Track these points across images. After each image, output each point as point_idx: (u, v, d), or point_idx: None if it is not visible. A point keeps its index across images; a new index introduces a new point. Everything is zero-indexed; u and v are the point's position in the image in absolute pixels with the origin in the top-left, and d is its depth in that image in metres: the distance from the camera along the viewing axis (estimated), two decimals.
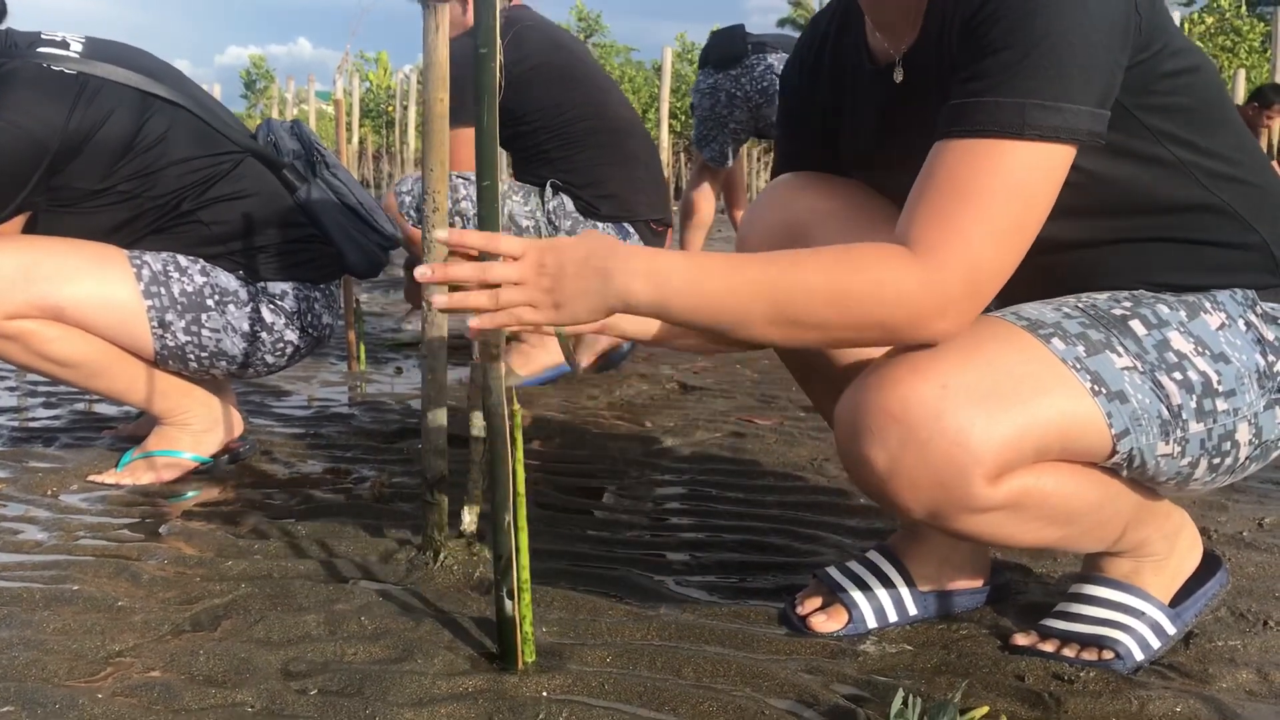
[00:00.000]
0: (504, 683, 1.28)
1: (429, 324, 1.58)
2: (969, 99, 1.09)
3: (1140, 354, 1.17)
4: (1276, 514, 1.92)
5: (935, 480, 1.12)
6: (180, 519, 1.88)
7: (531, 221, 2.93)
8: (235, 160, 2.09)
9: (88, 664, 1.33)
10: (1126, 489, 1.25)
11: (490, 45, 1.21)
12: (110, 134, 1.94)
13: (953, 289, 1.08)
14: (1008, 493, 1.14)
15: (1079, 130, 1.08)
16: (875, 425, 1.13)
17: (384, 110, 15.61)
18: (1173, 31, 1.18)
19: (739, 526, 1.86)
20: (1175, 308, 1.20)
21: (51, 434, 2.43)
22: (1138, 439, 1.16)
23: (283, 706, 1.23)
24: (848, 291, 1.08)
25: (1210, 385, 1.17)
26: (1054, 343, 1.16)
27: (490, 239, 1.11)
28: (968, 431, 1.10)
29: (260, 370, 2.20)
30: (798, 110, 1.47)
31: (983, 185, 1.07)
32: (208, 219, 2.06)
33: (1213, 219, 1.21)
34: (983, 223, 1.07)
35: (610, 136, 3.07)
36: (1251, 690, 1.29)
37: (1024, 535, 1.22)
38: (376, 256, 2.28)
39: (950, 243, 1.07)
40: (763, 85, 4.34)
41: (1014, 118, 1.07)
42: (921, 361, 1.13)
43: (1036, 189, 1.09)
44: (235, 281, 2.09)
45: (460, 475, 1.67)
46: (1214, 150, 1.21)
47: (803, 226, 1.37)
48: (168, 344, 2.04)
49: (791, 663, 1.34)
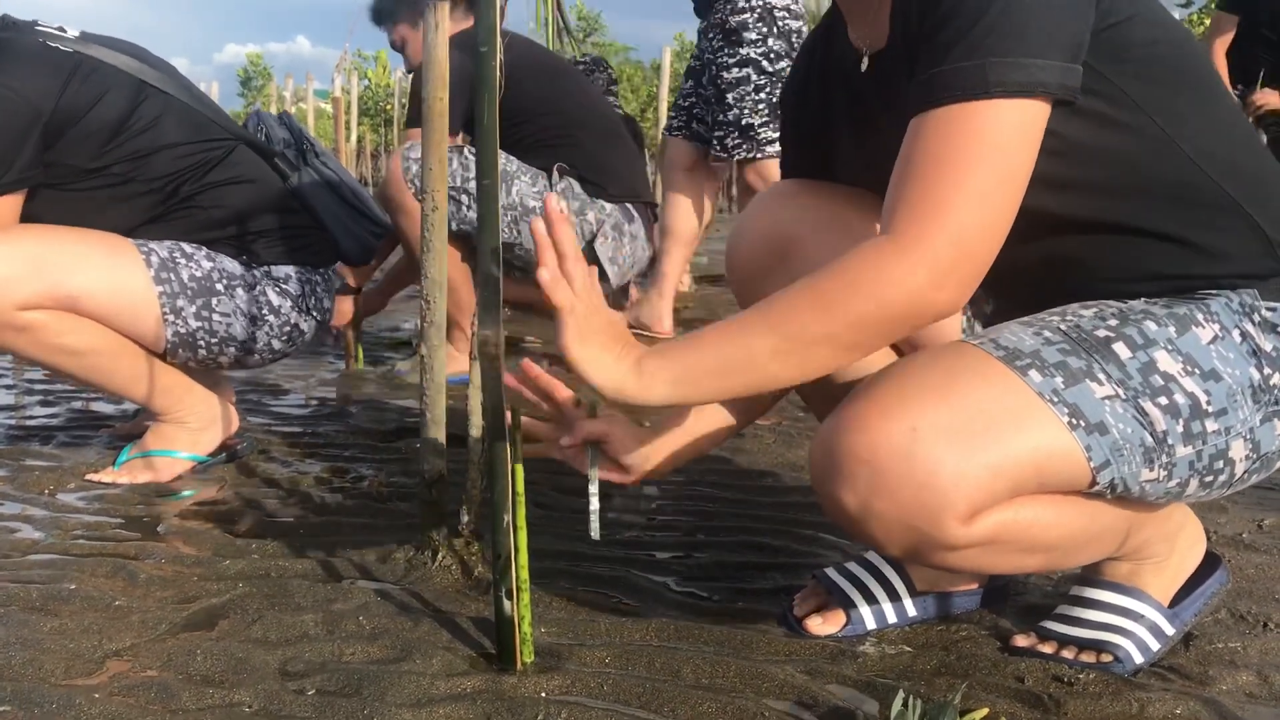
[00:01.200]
0: (502, 683, 1.28)
1: (428, 323, 1.58)
2: (932, 70, 1.08)
3: (1123, 380, 1.13)
4: (1276, 516, 1.92)
5: (907, 522, 1.11)
6: (177, 518, 1.88)
7: (539, 202, 2.93)
8: (227, 148, 2.11)
9: (85, 663, 1.33)
10: (1113, 507, 1.22)
11: (491, 43, 1.21)
12: (103, 113, 1.95)
13: (941, 258, 1.06)
14: (984, 530, 1.13)
15: (1049, 84, 1.07)
16: (846, 469, 1.11)
17: (382, 108, 15.59)
18: (1147, 2, 1.17)
19: (737, 527, 1.85)
20: (1164, 323, 1.16)
21: (49, 432, 2.42)
22: (1119, 469, 1.13)
23: (280, 706, 1.23)
24: (834, 292, 1.08)
25: (1199, 407, 1.14)
26: (1030, 375, 1.13)
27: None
28: (937, 474, 1.08)
29: (265, 357, 2.21)
30: (795, 120, 1.47)
31: (955, 150, 1.06)
32: (207, 204, 2.07)
33: (1203, 199, 1.18)
34: (961, 186, 1.05)
35: (603, 123, 3.15)
36: (1251, 692, 1.29)
37: (1007, 565, 1.21)
38: (369, 242, 2.32)
39: (929, 214, 1.06)
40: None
41: (977, 79, 1.05)
42: (891, 401, 1.12)
43: (1011, 143, 1.07)
44: (240, 266, 2.11)
45: (459, 475, 1.67)
46: (1202, 126, 1.18)
47: (791, 234, 1.37)
48: (179, 330, 2.04)
49: (790, 664, 1.33)
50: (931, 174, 1.07)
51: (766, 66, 3.66)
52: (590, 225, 3.00)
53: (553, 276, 1.10)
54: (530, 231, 2.89)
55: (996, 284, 1.36)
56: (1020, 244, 1.21)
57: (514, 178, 2.91)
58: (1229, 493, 1.24)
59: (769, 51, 3.65)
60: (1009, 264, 1.30)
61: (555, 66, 3.26)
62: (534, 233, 1.13)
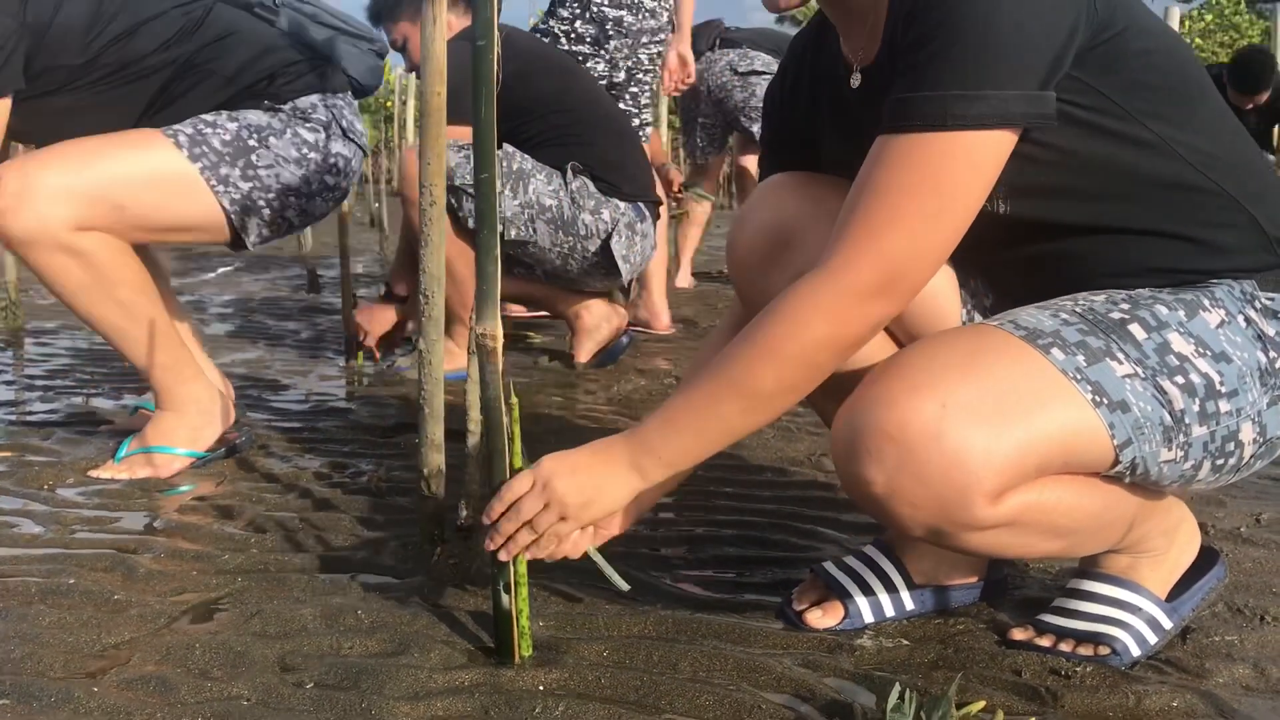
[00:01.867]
0: (500, 677, 1.28)
1: (426, 318, 1.58)
2: (901, 94, 1.11)
3: (1141, 359, 1.15)
4: (1274, 510, 1.92)
5: (935, 501, 1.11)
6: (177, 513, 1.88)
7: (555, 200, 2.91)
8: (206, 6, 2.13)
9: (83, 657, 1.33)
10: (1127, 493, 1.23)
11: (488, 38, 1.21)
12: (70, 13, 1.98)
13: (866, 281, 1.11)
14: (1009, 510, 1.13)
15: (1011, 115, 1.08)
16: (873, 446, 1.12)
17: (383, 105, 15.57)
18: (1140, 11, 1.17)
19: (736, 521, 1.85)
20: (1174, 307, 1.18)
21: (49, 428, 2.42)
22: (1140, 448, 1.15)
23: (279, 700, 1.23)
24: (780, 338, 1.14)
25: (1213, 387, 1.16)
26: (1053, 353, 1.14)
27: (502, 500, 1.24)
28: (967, 451, 1.09)
29: (327, 200, 2.23)
30: (780, 121, 1.47)
31: (899, 181, 1.10)
32: (205, 64, 2.09)
33: (1201, 198, 1.20)
34: (895, 217, 1.10)
35: (613, 122, 3.14)
36: (1248, 685, 1.29)
37: (1026, 548, 1.22)
38: (375, 62, 2.35)
39: (859, 242, 1.11)
40: (721, 80, 4.41)
41: (936, 111, 1.08)
42: (919, 378, 1.12)
43: (958, 176, 1.09)
44: (264, 115, 2.13)
45: (458, 469, 1.67)
46: (1196, 128, 1.20)
47: (793, 226, 1.37)
48: (234, 197, 2.07)
49: (788, 658, 1.34)
50: (872, 204, 1.11)
51: (563, 44, 3.67)
52: (606, 224, 2.99)
53: (516, 545, 1.24)
54: (543, 230, 2.89)
55: (995, 279, 1.37)
56: (1017, 246, 1.23)
57: (530, 176, 2.89)
58: (1234, 479, 1.25)
59: (571, 31, 3.67)
60: (1006, 262, 1.30)
61: (564, 64, 3.24)
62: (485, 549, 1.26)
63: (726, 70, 4.41)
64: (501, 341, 1.29)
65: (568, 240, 2.95)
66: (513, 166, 2.85)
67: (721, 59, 4.43)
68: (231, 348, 3.51)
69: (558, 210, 2.91)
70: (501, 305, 1.36)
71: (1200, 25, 13.95)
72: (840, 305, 1.12)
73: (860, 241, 1.11)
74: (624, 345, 3.25)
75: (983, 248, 1.22)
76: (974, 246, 1.18)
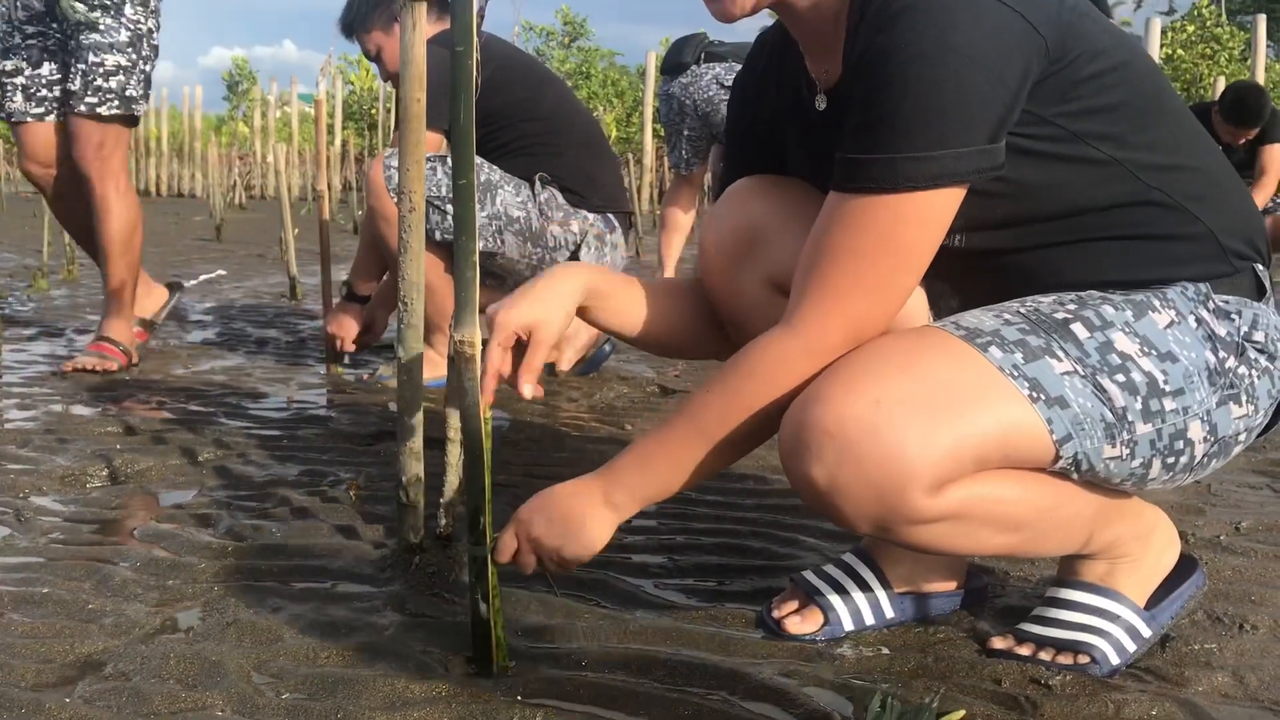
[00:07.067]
0: (478, 686, 1.27)
1: (405, 325, 1.57)
2: (852, 154, 1.14)
3: (1081, 357, 1.16)
4: (1253, 518, 1.93)
5: (874, 495, 1.12)
6: (153, 521, 1.86)
7: (523, 212, 2.92)
8: None
9: (56, 667, 1.31)
10: (1083, 491, 1.24)
11: (466, 43, 1.20)
12: None
13: (831, 341, 1.18)
14: (949, 503, 1.14)
15: (960, 172, 1.11)
16: (813, 443, 1.13)
17: (367, 113, 15.54)
18: (1092, 33, 1.17)
19: (717, 530, 1.85)
20: (1121, 308, 1.20)
21: (25, 436, 2.40)
22: (1081, 444, 1.16)
23: (254, 710, 1.22)
24: (753, 393, 1.20)
25: (1156, 385, 1.17)
26: (991, 351, 1.16)
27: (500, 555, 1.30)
28: (903, 445, 1.11)
29: None
30: (744, 127, 1.48)
31: (858, 244, 1.14)
32: None
33: (1155, 212, 1.22)
34: (858, 279, 1.15)
35: (585, 132, 3.14)
36: (1227, 693, 1.29)
37: (976, 544, 1.22)
38: None
39: (826, 305, 1.17)
40: (708, 94, 4.42)
41: (887, 174, 1.11)
42: (856, 377, 1.14)
43: (913, 239, 1.14)
44: None
45: (436, 478, 1.66)
46: (1150, 143, 1.21)
47: (761, 229, 1.38)
48: None
49: (768, 666, 1.33)
50: (832, 267, 1.16)
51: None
52: (574, 235, 2.99)
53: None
54: (511, 241, 2.89)
55: (957, 288, 1.39)
56: (974, 272, 1.27)
57: (497, 187, 2.90)
58: (1190, 479, 1.26)
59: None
60: (966, 276, 1.33)
61: (541, 72, 3.25)
62: None
63: (713, 84, 4.41)
64: (481, 349, 1.29)
65: (536, 251, 2.96)
66: (480, 178, 2.85)
67: (707, 73, 4.43)
68: (211, 355, 3.49)
69: (526, 221, 2.92)
70: (482, 314, 1.36)
71: (1182, 36, 14.03)
72: (812, 366, 1.18)
73: (824, 304, 1.17)
74: (606, 353, 3.25)
75: (941, 274, 1.26)
76: (934, 275, 1.21)
